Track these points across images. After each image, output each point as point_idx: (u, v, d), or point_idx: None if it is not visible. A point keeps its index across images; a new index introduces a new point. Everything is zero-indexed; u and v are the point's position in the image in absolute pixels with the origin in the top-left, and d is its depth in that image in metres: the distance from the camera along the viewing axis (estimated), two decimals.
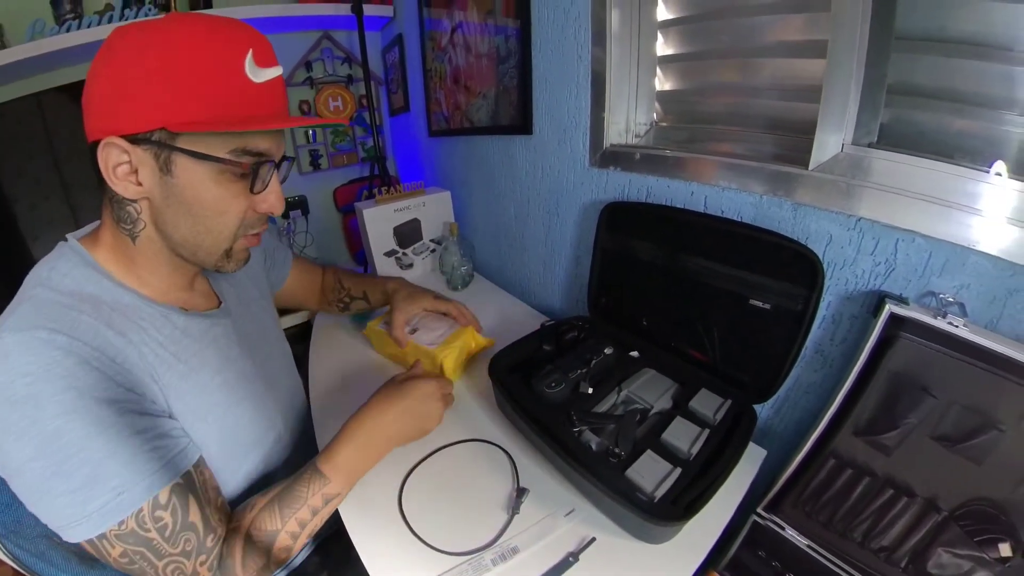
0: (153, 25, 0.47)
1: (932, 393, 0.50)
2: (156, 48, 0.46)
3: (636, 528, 0.57)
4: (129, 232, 0.54)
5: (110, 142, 0.47)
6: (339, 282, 1.04)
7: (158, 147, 0.48)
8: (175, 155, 0.49)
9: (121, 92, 0.46)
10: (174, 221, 0.53)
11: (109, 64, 0.47)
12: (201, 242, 0.55)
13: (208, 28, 0.48)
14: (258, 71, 0.50)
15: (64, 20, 1.36)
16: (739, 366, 0.71)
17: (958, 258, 0.49)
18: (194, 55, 0.46)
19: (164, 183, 0.50)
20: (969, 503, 0.48)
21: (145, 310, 0.55)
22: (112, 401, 0.47)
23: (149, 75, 0.46)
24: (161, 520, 0.48)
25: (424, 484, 0.67)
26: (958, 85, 0.50)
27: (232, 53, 0.48)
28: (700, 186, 0.75)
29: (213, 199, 0.52)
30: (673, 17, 0.80)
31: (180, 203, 0.51)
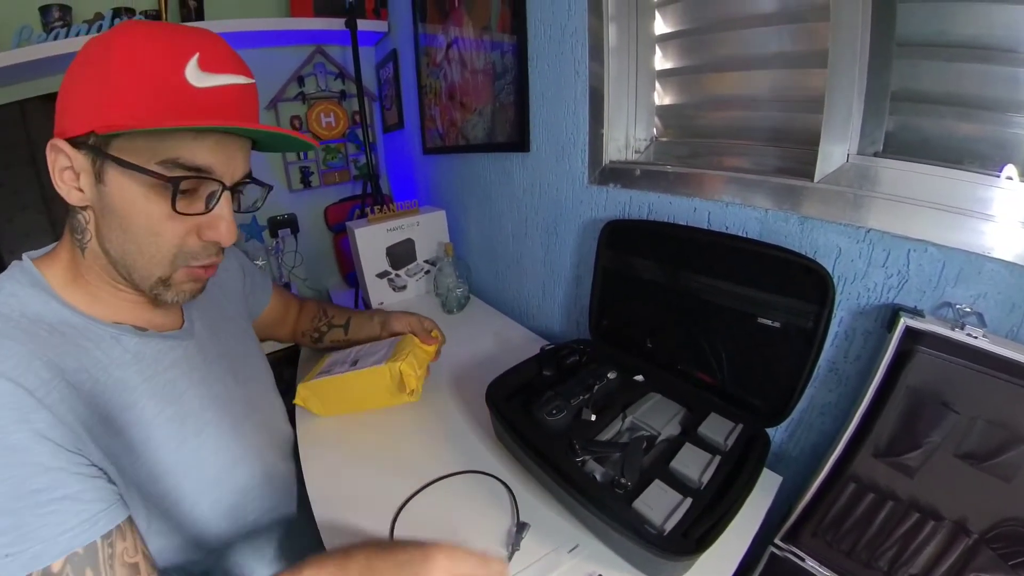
0: (109, 33, 0.48)
1: (954, 408, 0.49)
2: (99, 51, 0.47)
3: (645, 564, 0.56)
4: (79, 244, 0.53)
5: (55, 144, 0.48)
6: (323, 310, 1.03)
7: (94, 153, 0.47)
8: (107, 163, 0.47)
9: (68, 93, 0.48)
10: (108, 235, 0.51)
11: (69, 69, 0.49)
12: (133, 262, 0.52)
13: (153, 30, 0.47)
14: (202, 75, 0.48)
15: (52, 28, 1.40)
16: (749, 388, 0.71)
17: (973, 266, 0.50)
18: (129, 55, 0.46)
19: (99, 192, 0.49)
20: (1000, 524, 0.47)
21: (93, 331, 0.53)
22: (15, 449, 0.42)
23: (87, 77, 0.47)
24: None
25: (418, 519, 0.66)
26: (963, 89, 0.52)
27: (172, 55, 0.47)
28: (703, 202, 0.76)
29: (144, 217, 0.50)
30: (671, 30, 0.83)
31: (113, 216, 0.50)
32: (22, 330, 0.48)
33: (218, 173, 0.51)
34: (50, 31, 1.40)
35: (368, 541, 0.49)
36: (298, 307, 1.04)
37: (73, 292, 0.54)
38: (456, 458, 0.76)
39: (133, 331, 0.57)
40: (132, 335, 0.56)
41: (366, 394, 0.87)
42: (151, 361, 0.58)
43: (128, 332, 0.56)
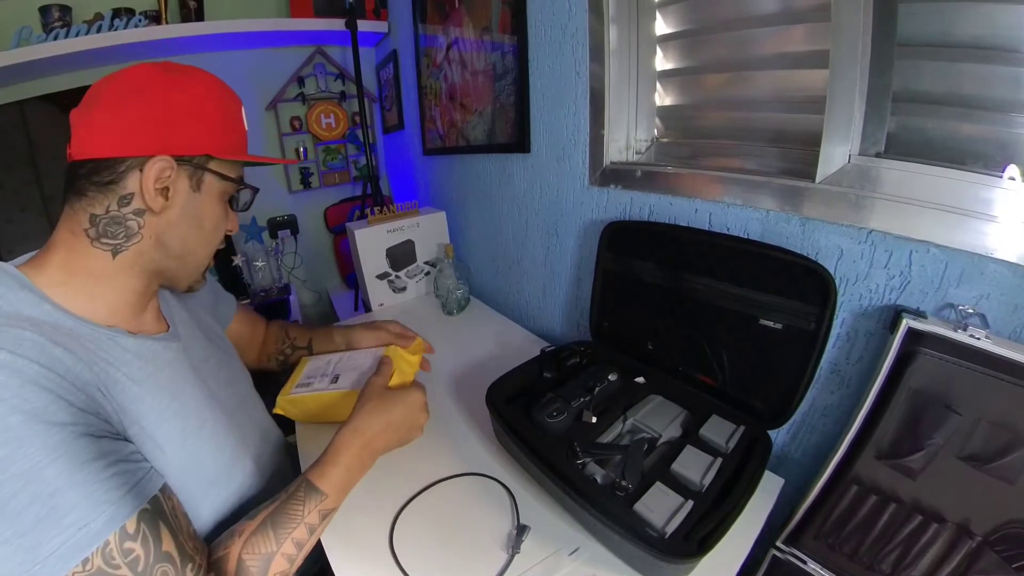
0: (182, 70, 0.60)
1: (957, 410, 0.49)
2: (195, 90, 0.58)
3: (646, 566, 0.56)
4: (113, 248, 0.56)
5: (163, 159, 0.55)
6: (285, 332, 1.03)
7: (195, 168, 0.59)
8: (207, 175, 0.61)
9: (173, 118, 0.56)
10: (184, 233, 0.61)
11: (148, 91, 0.56)
12: (197, 254, 0.64)
13: (221, 82, 0.63)
14: (245, 120, 0.67)
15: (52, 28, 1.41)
16: (751, 390, 0.71)
17: (976, 267, 0.50)
18: (222, 99, 0.61)
19: (190, 198, 0.60)
20: (1004, 526, 0.47)
21: (89, 333, 0.54)
22: (64, 424, 0.44)
23: (199, 108, 0.58)
24: (132, 553, 0.45)
25: (417, 522, 0.66)
26: (965, 90, 0.52)
27: (237, 103, 0.65)
28: (704, 203, 0.76)
29: (216, 215, 0.64)
30: (672, 31, 0.83)
31: (194, 217, 0.61)
32: (29, 324, 0.49)
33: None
34: (50, 31, 1.41)
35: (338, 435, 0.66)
36: (264, 328, 1.04)
37: (65, 294, 0.54)
38: (456, 460, 0.77)
39: (126, 333, 0.58)
40: (126, 336, 0.58)
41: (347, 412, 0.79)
42: (149, 359, 0.59)
43: (122, 334, 0.57)
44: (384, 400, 0.71)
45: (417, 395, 0.74)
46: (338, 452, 0.64)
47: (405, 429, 0.71)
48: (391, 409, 0.70)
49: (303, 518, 0.58)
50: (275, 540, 0.56)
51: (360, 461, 0.65)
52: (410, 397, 0.73)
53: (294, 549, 0.57)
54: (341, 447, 0.64)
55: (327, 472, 0.62)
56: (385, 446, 0.69)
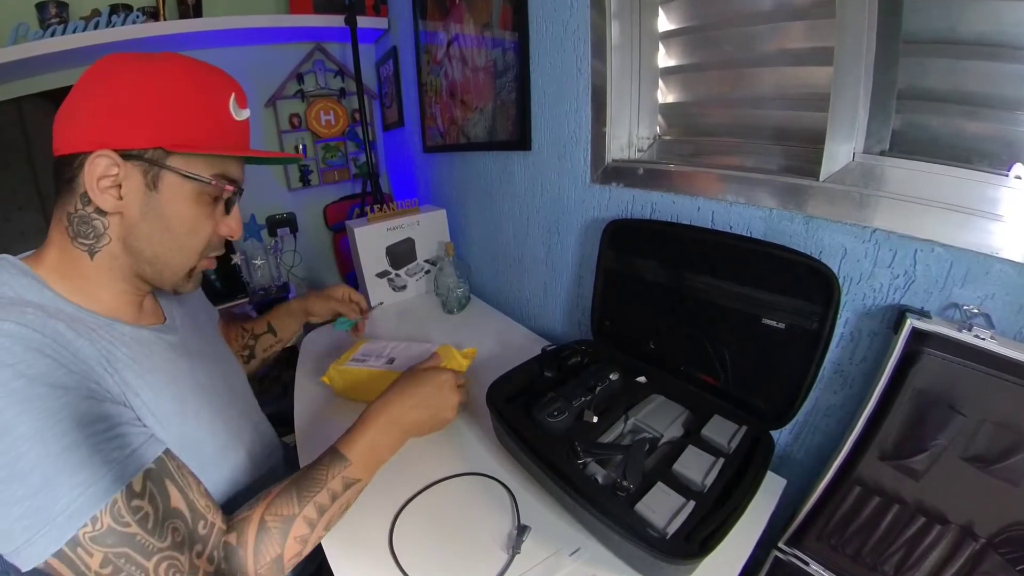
0: (149, 58, 0.55)
1: (961, 411, 0.49)
2: (155, 77, 0.54)
3: (647, 567, 0.56)
4: (88, 248, 0.57)
5: (103, 154, 0.52)
6: (240, 327, 1.04)
7: (149, 164, 0.55)
8: (164, 172, 0.55)
9: (119, 110, 0.52)
10: (148, 236, 0.57)
11: (104, 83, 0.53)
12: (171, 259, 0.60)
13: (200, 68, 0.58)
14: (239, 111, 0.61)
15: (49, 25, 1.41)
16: (753, 390, 0.71)
17: (981, 267, 0.50)
18: (190, 87, 0.56)
19: (147, 198, 0.56)
20: (1008, 528, 0.47)
21: (89, 320, 0.55)
22: (67, 387, 0.46)
23: (149, 98, 0.53)
24: (141, 511, 0.46)
25: (417, 521, 0.66)
26: (971, 87, 0.52)
27: (220, 91, 0.58)
28: (707, 201, 0.76)
29: (191, 217, 0.59)
30: (675, 28, 0.83)
31: (158, 218, 0.57)
32: (32, 306, 0.50)
33: (241, 183, 0.64)
34: (47, 28, 1.40)
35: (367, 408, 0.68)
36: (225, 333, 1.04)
37: (64, 288, 0.56)
38: (456, 460, 0.77)
39: (124, 322, 0.59)
40: (125, 325, 0.59)
41: None
42: (147, 345, 0.60)
43: (120, 323, 0.59)
44: (414, 378, 0.72)
45: (447, 375, 0.74)
46: (365, 422, 0.65)
47: (437, 408, 0.71)
48: (420, 386, 0.71)
49: (326, 483, 0.59)
50: (297, 503, 0.57)
51: (387, 434, 0.66)
52: (440, 376, 0.73)
53: (315, 513, 0.58)
54: (369, 418, 0.66)
55: (353, 439, 0.63)
56: (415, 422, 0.69)
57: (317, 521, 0.58)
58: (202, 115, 0.57)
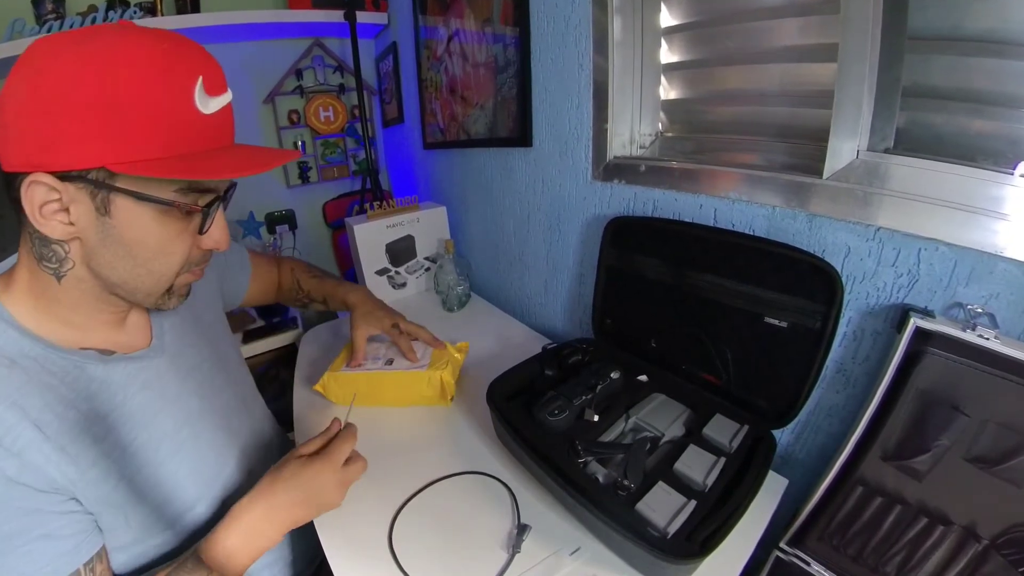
0: (89, 41, 0.43)
1: (964, 411, 0.49)
2: (94, 73, 0.42)
3: (648, 567, 0.56)
4: (54, 272, 0.51)
5: (36, 180, 0.44)
6: (298, 283, 1.02)
7: (95, 186, 0.46)
8: (114, 195, 0.46)
9: (50, 123, 0.43)
10: (111, 263, 0.50)
11: (35, 86, 0.42)
12: (140, 284, 0.53)
13: (153, 50, 0.45)
14: (208, 100, 0.48)
15: (45, 20, 1.41)
16: (755, 389, 0.71)
17: (985, 266, 0.49)
18: (138, 83, 0.43)
19: (100, 223, 0.48)
20: (1011, 530, 0.47)
21: (56, 363, 0.52)
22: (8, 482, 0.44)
23: (87, 106, 0.42)
24: None
25: (417, 520, 0.66)
26: (976, 85, 0.52)
27: (181, 81, 0.46)
28: (709, 198, 0.76)
29: (156, 240, 0.50)
30: (677, 23, 0.82)
31: (119, 244, 0.49)
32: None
33: (219, 189, 0.54)
34: (43, 24, 1.40)
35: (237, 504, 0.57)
36: (278, 272, 1.03)
37: (35, 318, 0.52)
38: (456, 458, 0.77)
39: (98, 357, 0.55)
40: (97, 362, 0.55)
41: (398, 393, 0.91)
42: (120, 387, 0.57)
43: (92, 359, 0.55)
44: (293, 472, 0.59)
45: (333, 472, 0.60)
46: (230, 524, 0.55)
47: (315, 505, 0.60)
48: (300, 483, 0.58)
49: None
50: None
51: (258, 533, 0.56)
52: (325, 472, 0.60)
53: None
54: (235, 522, 0.55)
55: (216, 546, 0.54)
56: (292, 519, 0.58)
57: None
58: (155, 117, 0.44)
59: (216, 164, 0.49)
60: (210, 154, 0.49)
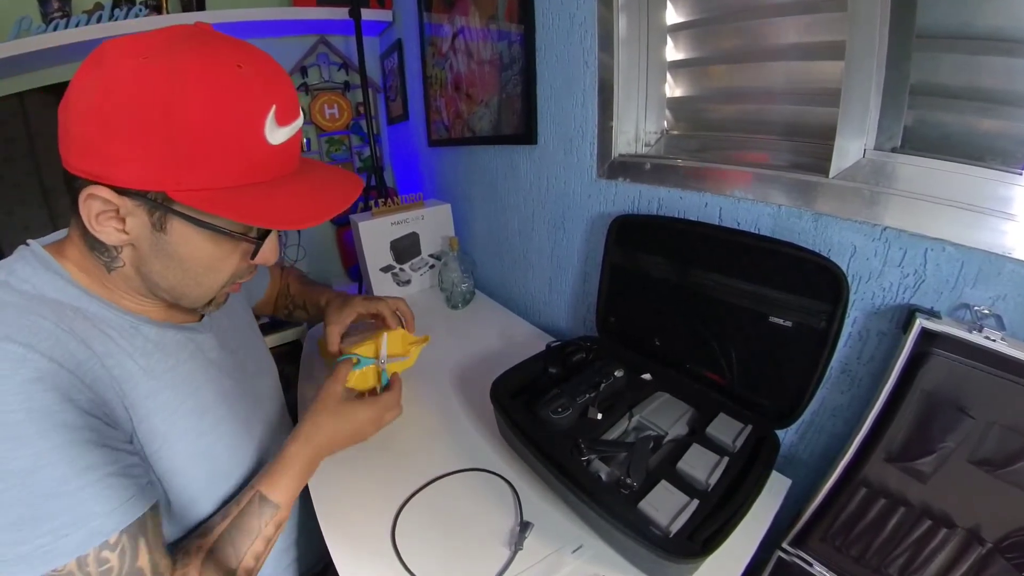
0: (161, 55, 0.42)
1: (970, 413, 0.49)
2: (162, 96, 0.42)
3: (650, 565, 0.56)
4: (105, 264, 0.53)
5: (95, 194, 0.45)
6: (287, 287, 1.05)
7: (152, 205, 0.47)
8: (171, 215, 0.48)
9: (114, 139, 0.43)
10: (160, 272, 0.52)
11: (101, 98, 0.42)
12: (187, 293, 0.55)
13: (228, 75, 0.44)
14: (277, 131, 0.47)
15: (51, 18, 1.41)
16: (759, 389, 0.71)
17: (993, 267, 0.49)
18: (207, 112, 0.43)
19: (155, 237, 0.49)
20: (1015, 533, 0.47)
21: (113, 319, 0.53)
22: (67, 427, 0.44)
23: (152, 130, 0.42)
24: (106, 563, 0.45)
25: (420, 517, 0.67)
26: (985, 83, 0.51)
27: (252, 111, 0.45)
28: (714, 197, 0.76)
29: (208, 258, 0.53)
30: (683, 20, 0.82)
31: (171, 258, 0.51)
32: (50, 309, 0.48)
33: None
34: (49, 22, 1.41)
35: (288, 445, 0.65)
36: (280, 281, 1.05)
37: (90, 283, 0.54)
38: (459, 456, 0.77)
39: (151, 321, 0.58)
40: (151, 324, 0.57)
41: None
42: (171, 351, 0.59)
43: (146, 321, 0.57)
44: (337, 415, 0.71)
45: (369, 411, 0.74)
46: (290, 463, 0.63)
47: (356, 439, 0.73)
48: (343, 424, 0.70)
49: (261, 531, 0.58)
50: (235, 556, 0.56)
51: (309, 470, 0.66)
52: (363, 414, 0.73)
53: (253, 562, 0.57)
54: (292, 457, 0.64)
55: (280, 483, 0.62)
56: (332, 451, 0.70)
57: (254, 568, 0.58)
58: (221, 148, 0.44)
59: (275, 205, 0.48)
60: (273, 185, 0.49)
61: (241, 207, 0.46)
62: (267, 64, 0.47)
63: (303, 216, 0.49)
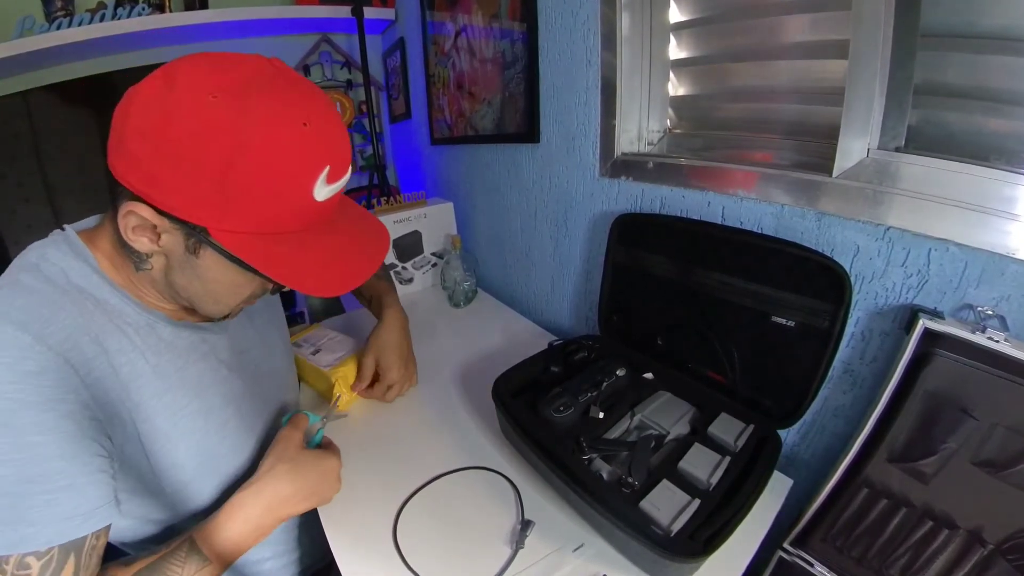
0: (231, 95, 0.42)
1: (972, 414, 0.49)
2: (225, 141, 0.42)
3: (651, 565, 0.56)
4: (134, 264, 0.54)
5: (136, 211, 0.46)
6: None
7: (191, 230, 0.48)
8: (205, 246, 0.49)
9: (165, 166, 0.43)
10: (185, 284, 0.53)
11: (163, 123, 0.42)
12: (205, 305, 0.57)
13: (293, 132, 0.44)
14: (325, 188, 0.48)
15: (55, 18, 1.41)
16: (761, 388, 0.71)
17: (996, 267, 0.49)
18: (265, 169, 0.43)
19: (186, 258, 0.50)
20: (1017, 535, 0.47)
21: (131, 316, 0.55)
22: (44, 430, 0.44)
23: (206, 170, 0.43)
24: (27, 569, 0.43)
25: (421, 515, 0.67)
26: (990, 83, 0.51)
27: (307, 171, 0.46)
28: (717, 196, 0.75)
29: (231, 284, 0.54)
30: (686, 19, 0.81)
31: (196, 277, 0.52)
32: (71, 300, 0.49)
33: None
34: (53, 21, 1.41)
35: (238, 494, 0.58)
36: None
37: (115, 276, 0.55)
38: (461, 454, 0.77)
39: (168, 320, 0.59)
40: (167, 324, 0.58)
41: (314, 381, 0.96)
42: (183, 352, 0.60)
43: (163, 320, 0.58)
44: (295, 464, 0.62)
45: (332, 463, 0.66)
46: (234, 513, 0.56)
47: (313, 500, 0.63)
48: (303, 476, 0.61)
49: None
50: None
51: (257, 526, 0.57)
52: (326, 465, 0.65)
53: None
54: (239, 508, 0.57)
55: (216, 536, 0.54)
56: (288, 514, 0.60)
57: None
58: (269, 202, 0.45)
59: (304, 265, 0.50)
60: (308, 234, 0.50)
61: (272, 260, 0.48)
62: (330, 122, 0.48)
63: (327, 285, 0.51)
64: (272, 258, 0.48)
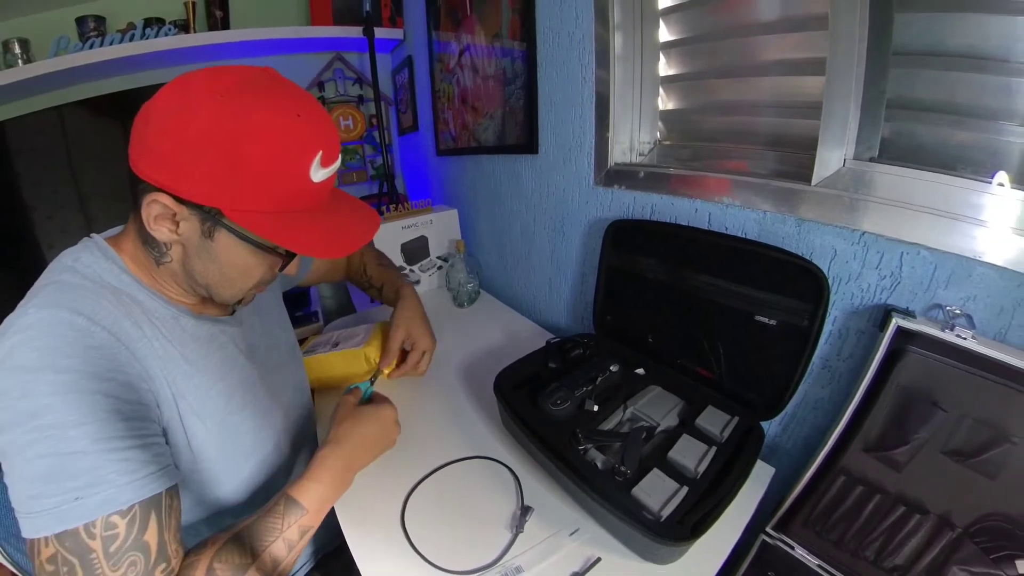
0: (236, 97, 0.46)
1: (942, 407, 0.49)
2: (232, 134, 0.46)
3: (642, 548, 0.56)
4: (155, 259, 0.56)
5: (158, 200, 0.49)
6: (364, 268, 1.07)
7: (206, 216, 0.51)
8: (220, 228, 0.52)
9: (185, 161, 0.47)
10: (202, 270, 0.56)
11: (183, 125, 0.46)
12: (220, 291, 0.58)
13: (289, 123, 0.48)
14: (320, 171, 0.52)
15: (88, 37, 1.43)
16: (746, 383, 0.71)
17: (964, 270, 0.49)
18: (266, 153, 0.47)
19: (202, 242, 0.53)
20: (984, 519, 0.47)
21: (159, 310, 0.57)
22: (109, 396, 0.46)
23: (218, 160, 0.46)
24: (114, 528, 0.44)
25: (427, 501, 0.67)
26: (957, 98, 0.51)
27: (303, 156, 0.50)
28: (704, 203, 0.76)
29: (244, 265, 0.56)
30: (675, 38, 0.82)
31: (212, 261, 0.55)
32: (109, 293, 0.52)
33: None
34: (86, 41, 1.42)
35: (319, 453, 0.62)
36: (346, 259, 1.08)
37: (140, 275, 0.57)
38: (464, 444, 0.77)
39: (190, 313, 0.60)
40: (190, 317, 0.60)
41: (345, 371, 0.94)
42: (205, 341, 0.61)
43: (186, 314, 0.60)
44: (357, 419, 0.67)
45: (389, 411, 0.70)
46: (320, 469, 0.60)
47: (380, 446, 0.68)
48: (366, 426, 0.67)
49: (282, 532, 0.54)
50: (251, 552, 0.51)
51: (341, 478, 0.61)
52: (383, 413, 0.69)
53: (271, 563, 0.52)
54: (322, 464, 0.60)
55: (309, 488, 0.57)
56: (362, 464, 0.65)
57: (272, 572, 0.52)
58: (273, 183, 0.49)
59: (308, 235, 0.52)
60: (309, 213, 0.53)
61: (280, 232, 0.50)
62: (319, 116, 0.52)
63: (328, 248, 0.55)
64: (279, 232, 0.51)
